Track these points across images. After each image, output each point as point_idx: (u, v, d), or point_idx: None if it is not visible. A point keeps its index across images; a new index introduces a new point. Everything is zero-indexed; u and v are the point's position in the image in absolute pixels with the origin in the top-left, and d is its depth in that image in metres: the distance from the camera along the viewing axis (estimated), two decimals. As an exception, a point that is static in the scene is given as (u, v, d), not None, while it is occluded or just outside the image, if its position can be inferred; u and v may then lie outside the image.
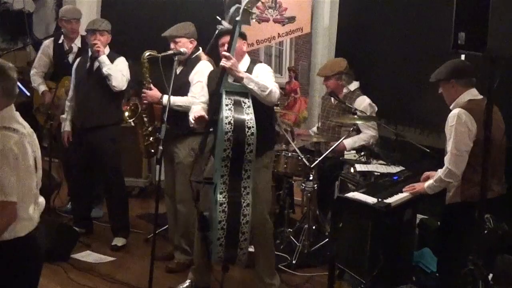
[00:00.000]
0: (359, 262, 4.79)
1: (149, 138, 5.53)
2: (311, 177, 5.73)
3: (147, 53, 5.23)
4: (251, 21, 4.50)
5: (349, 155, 5.68)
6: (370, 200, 4.27)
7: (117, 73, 5.66)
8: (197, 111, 4.68)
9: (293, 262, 5.51)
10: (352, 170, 5.32)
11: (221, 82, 4.41)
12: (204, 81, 5.16)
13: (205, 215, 4.48)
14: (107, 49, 5.80)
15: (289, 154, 5.78)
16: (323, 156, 5.63)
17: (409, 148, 5.51)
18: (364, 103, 5.98)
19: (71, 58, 6.37)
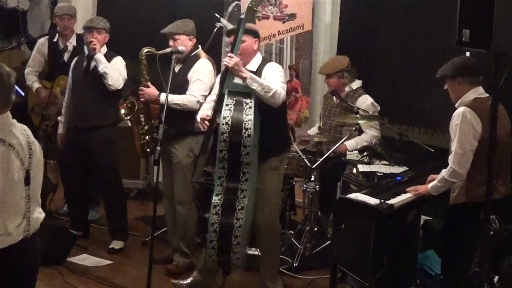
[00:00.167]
0: (361, 264, 4.73)
1: (145, 137, 5.45)
2: (312, 178, 5.68)
3: (145, 50, 5.17)
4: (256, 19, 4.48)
5: (352, 156, 5.64)
6: (372, 201, 4.22)
7: (113, 71, 5.59)
8: (203, 114, 4.66)
9: (295, 265, 5.45)
10: (354, 170, 5.28)
11: (224, 82, 4.40)
12: (203, 79, 5.16)
13: (206, 217, 4.43)
14: (105, 48, 5.76)
15: (290, 154, 5.71)
16: (325, 156, 5.59)
17: (412, 148, 5.48)
18: (366, 102, 5.93)
19: (66, 57, 6.34)
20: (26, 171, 3.20)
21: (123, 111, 5.50)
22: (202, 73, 5.21)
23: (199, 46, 5.40)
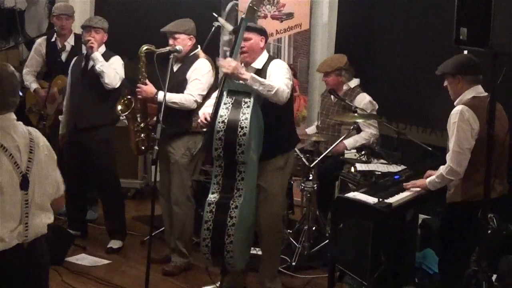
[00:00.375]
0: (360, 263, 4.74)
1: (140, 134, 5.42)
2: (310, 177, 5.66)
3: (144, 47, 5.15)
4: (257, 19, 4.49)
5: (350, 154, 5.62)
6: (371, 200, 4.21)
7: (110, 70, 5.58)
8: (203, 113, 4.64)
9: (293, 264, 5.43)
10: (352, 169, 5.25)
11: (224, 82, 4.41)
12: (201, 79, 5.16)
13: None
14: (103, 47, 5.74)
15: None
16: (323, 155, 5.57)
17: (410, 146, 5.45)
18: (364, 101, 5.91)
19: (64, 56, 6.31)
20: (22, 175, 3.12)
21: (119, 107, 5.47)
22: (200, 73, 5.20)
23: (199, 46, 5.39)
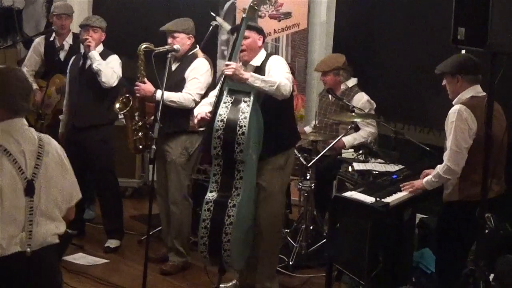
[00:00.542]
0: (357, 263, 4.72)
1: (138, 133, 5.41)
2: (308, 176, 5.65)
3: (143, 45, 5.15)
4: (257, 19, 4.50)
5: (347, 154, 5.61)
6: (368, 199, 4.22)
7: (108, 69, 5.57)
8: (201, 112, 4.63)
9: (290, 263, 5.42)
10: (350, 169, 5.25)
11: (224, 80, 4.42)
12: (200, 78, 5.16)
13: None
14: (101, 46, 5.72)
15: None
16: (321, 154, 5.57)
17: (408, 146, 5.45)
18: (362, 100, 5.90)
19: (62, 55, 6.31)
20: (27, 180, 3.05)
21: (118, 105, 5.47)
22: (199, 72, 5.20)
23: (197, 45, 5.39)
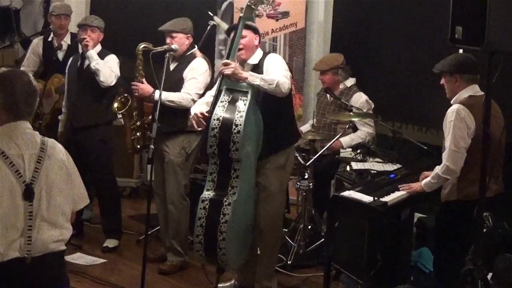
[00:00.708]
0: (356, 262, 4.75)
1: (136, 132, 5.42)
2: (306, 175, 5.65)
3: (142, 45, 5.16)
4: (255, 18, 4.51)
5: (345, 153, 5.61)
6: (366, 199, 4.21)
7: (106, 68, 5.56)
8: (198, 110, 4.63)
9: (288, 262, 5.42)
10: (348, 168, 5.25)
11: (222, 80, 4.42)
12: (198, 78, 5.16)
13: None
14: (99, 46, 5.72)
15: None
16: (319, 154, 5.56)
17: (406, 145, 5.45)
18: (361, 99, 5.90)
19: (60, 55, 6.31)
20: (25, 184, 3.00)
21: (116, 105, 5.47)
22: (197, 72, 5.21)
23: (196, 45, 5.39)
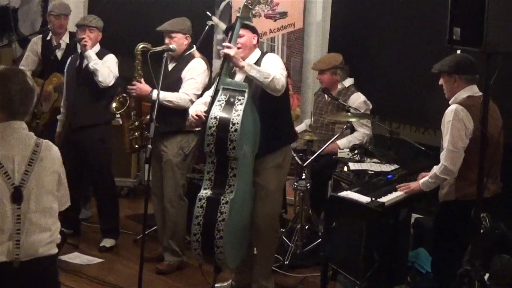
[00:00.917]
0: (353, 262, 4.74)
1: (134, 132, 5.42)
2: (303, 176, 5.65)
3: (141, 45, 5.17)
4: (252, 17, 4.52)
5: (343, 154, 5.61)
6: (363, 199, 4.21)
7: (104, 68, 5.55)
8: (196, 110, 4.62)
9: (286, 263, 5.42)
10: (345, 168, 5.24)
11: (220, 78, 4.43)
12: (196, 78, 5.17)
13: None
14: (97, 46, 5.72)
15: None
16: (316, 154, 5.57)
17: (404, 146, 5.46)
18: (359, 100, 5.91)
19: (59, 54, 6.31)
20: (14, 187, 2.98)
21: (114, 105, 5.47)
22: (196, 72, 5.20)
23: (194, 45, 5.39)
